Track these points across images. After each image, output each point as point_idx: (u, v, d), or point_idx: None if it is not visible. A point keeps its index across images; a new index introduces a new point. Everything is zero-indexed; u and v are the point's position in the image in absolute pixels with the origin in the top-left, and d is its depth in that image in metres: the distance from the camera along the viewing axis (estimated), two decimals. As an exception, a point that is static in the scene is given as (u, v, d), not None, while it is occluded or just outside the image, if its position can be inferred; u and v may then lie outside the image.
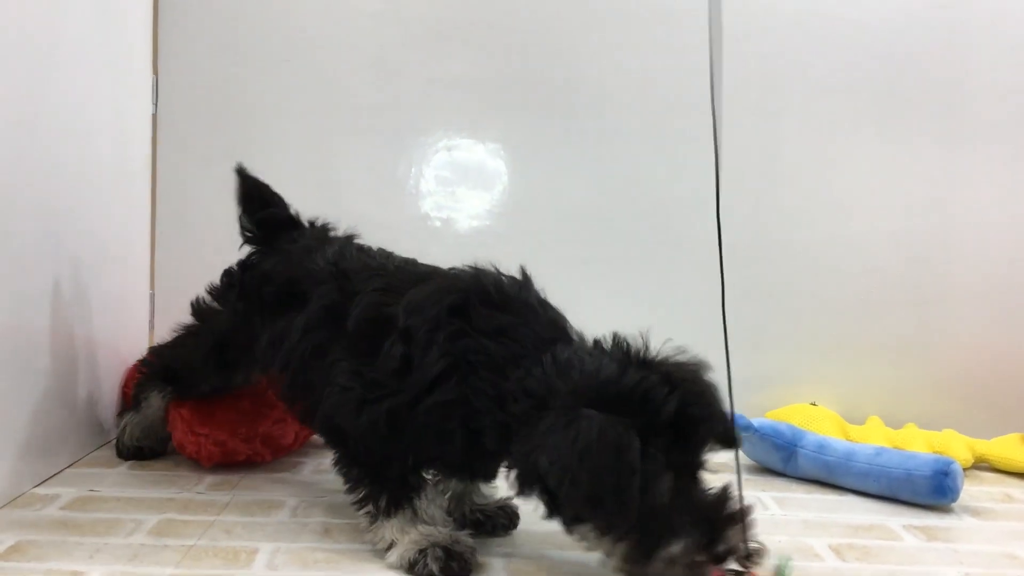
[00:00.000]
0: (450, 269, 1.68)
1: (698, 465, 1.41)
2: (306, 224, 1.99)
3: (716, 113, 1.50)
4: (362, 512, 1.55)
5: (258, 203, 1.99)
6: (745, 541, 1.34)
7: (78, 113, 2.01)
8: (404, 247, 2.56)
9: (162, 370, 2.11)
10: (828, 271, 2.64)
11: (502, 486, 1.57)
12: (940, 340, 2.65)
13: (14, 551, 1.49)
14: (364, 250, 1.87)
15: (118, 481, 1.92)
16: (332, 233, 1.96)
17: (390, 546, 1.51)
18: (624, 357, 1.44)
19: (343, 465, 1.60)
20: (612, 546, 1.36)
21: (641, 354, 1.45)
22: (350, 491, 1.58)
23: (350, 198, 2.24)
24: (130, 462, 2.07)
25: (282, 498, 1.85)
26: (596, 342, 1.49)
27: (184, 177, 2.38)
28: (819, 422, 2.36)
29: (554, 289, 1.76)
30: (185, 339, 2.07)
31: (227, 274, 2.00)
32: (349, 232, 1.96)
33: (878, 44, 2.61)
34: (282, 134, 2.31)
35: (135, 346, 2.39)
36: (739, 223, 2.62)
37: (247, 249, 1.99)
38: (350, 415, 1.54)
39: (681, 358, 1.49)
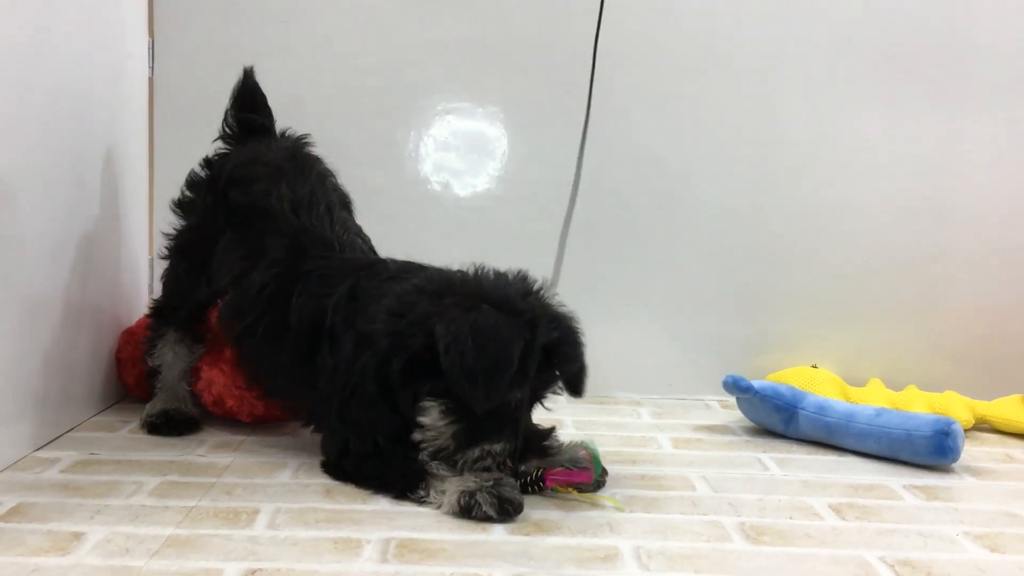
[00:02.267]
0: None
1: (542, 396, 1.71)
2: (277, 134, 2.15)
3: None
4: (416, 499, 1.62)
5: (248, 105, 2.12)
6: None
7: (74, 77, 1.99)
8: (403, 212, 2.57)
9: (159, 315, 2.15)
10: (828, 234, 2.63)
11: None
12: (941, 302, 2.65)
13: (15, 512, 1.49)
14: (329, 207, 1.98)
15: (119, 445, 1.92)
16: (307, 148, 2.10)
17: (440, 505, 1.60)
18: (530, 289, 1.68)
19: (363, 485, 1.70)
20: (446, 427, 1.61)
21: (537, 289, 1.69)
22: (383, 492, 1.66)
23: (348, 162, 2.22)
24: (130, 426, 2.06)
25: (283, 460, 1.86)
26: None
27: (181, 141, 2.36)
28: (820, 384, 2.36)
29: (554, 253, 1.76)
30: (168, 267, 2.15)
31: (205, 163, 2.10)
32: (323, 170, 2.08)
33: (877, 4, 2.58)
34: (278, 97, 2.29)
35: (134, 311, 2.39)
36: (738, 186, 2.61)
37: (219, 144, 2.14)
38: (335, 449, 1.76)
39: (564, 309, 1.70)
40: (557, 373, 1.68)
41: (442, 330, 1.55)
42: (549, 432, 1.71)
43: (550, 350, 1.62)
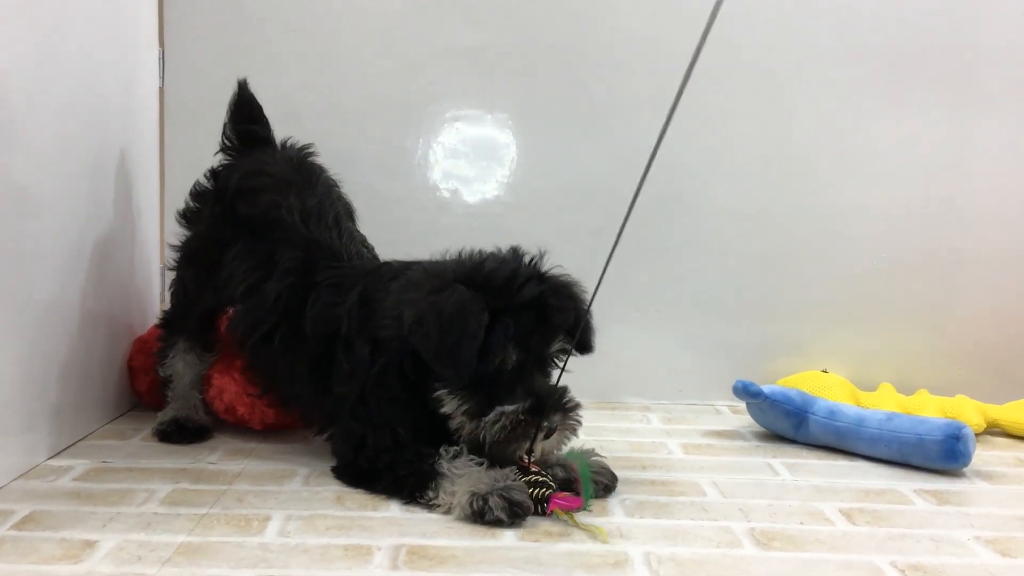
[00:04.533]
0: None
1: (547, 353, 1.71)
2: (277, 144, 2.15)
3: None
4: (425, 501, 1.63)
5: (246, 117, 2.13)
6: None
7: (85, 88, 2.01)
8: (413, 219, 2.58)
9: (168, 325, 2.16)
10: (839, 237, 2.62)
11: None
12: (952, 306, 2.64)
13: (28, 520, 1.50)
14: (336, 218, 2.01)
15: (131, 453, 1.94)
16: (311, 159, 2.11)
17: (450, 509, 1.60)
18: (512, 260, 1.71)
19: (374, 487, 1.72)
20: (458, 405, 1.66)
21: (527, 259, 1.72)
22: (395, 494, 1.68)
23: (357, 170, 2.24)
24: (142, 434, 2.07)
25: (293, 468, 1.86)
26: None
27: (192, 150, 2.37)
28: (830, 389, 2.36)
29: (564, 259, 1.77)
30: (176, 278, 2.16)
31: (210, 175, 2.11)
32: (328, 180, 2.10)
33: (888, 7, 2.58)
34: (288, 105, 2.31)
35: (146, 320, 2.40)
36: (748, 190, 2.61)
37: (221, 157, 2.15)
38: (350, 447, 1.77)
39: (560, 272, 1.75)
40: (557, 329, 1.70)
41: (409, 317, 1.63)
42: (564, 389, 1.70)
43: (540, 307, 1.65)
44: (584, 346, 1.76)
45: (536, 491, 1.60)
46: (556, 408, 1.65)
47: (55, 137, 1.85)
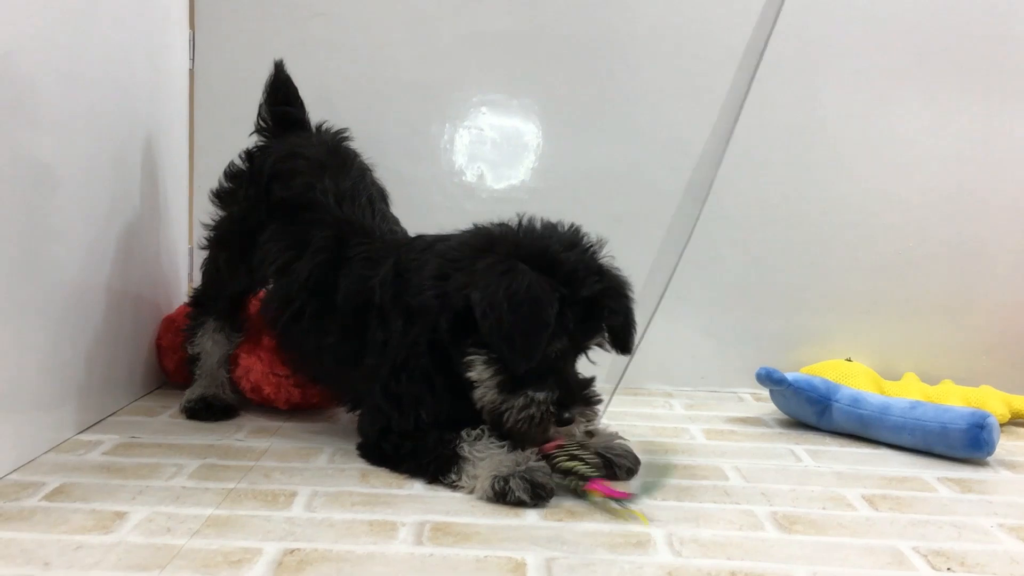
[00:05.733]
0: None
1: (585, 346, 1.72)
2: (313, 128, 2.16)
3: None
4: (448, 483, 1.64)
5: (282, 98, 2.15)
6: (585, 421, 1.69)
7: (115, 68, 2.02)
8: (438, 203, 2.59)
9: (198, 304, 2.18)
10: (865, 227, 2.61)
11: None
12: (977, 296, 2.63)
13: (59, 492, 1.53)
14: (370, 199, 2.02)
15: (159, 429, 1.96)
16: (346, 143, 2.13)
17: (472, 490, 1.61)
18: (576, 246, 1.69)
19: (398, 468, 1.73)
20: (491, 375, 1.65)
21: (588, 247, 1.71)
22: (417, 476, 1.69)
23: (384, 154, 2.25)
24: (170, 411, 2.10)
25: (319, 446, 1.88)
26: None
27: (221, 132, 2.39)
28: (854, 377, 2.35)
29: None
30: (208, 258, 2.18)
31: (245, 156, 2.12)
32: (362, 165, 2.12)
33: (919, -4, 2.57)
34: (317, 89, 2.32)
35: (174, 299, 2.43)
36: (774, 179, 2.60)
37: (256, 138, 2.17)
38: (375, 428, 1.77)
39: (611, 264, 1.74)
40: (602, 326, 1.71)
41: (478, 297, 1.59)
42: (590, 381, 1.72)
43: (593, 302, 1.65)
44: (625, 348, 1.76)
45: (573, 464, 1.61)
46: (579, 400, 1.67)
47: (83, 117, 1.86)
